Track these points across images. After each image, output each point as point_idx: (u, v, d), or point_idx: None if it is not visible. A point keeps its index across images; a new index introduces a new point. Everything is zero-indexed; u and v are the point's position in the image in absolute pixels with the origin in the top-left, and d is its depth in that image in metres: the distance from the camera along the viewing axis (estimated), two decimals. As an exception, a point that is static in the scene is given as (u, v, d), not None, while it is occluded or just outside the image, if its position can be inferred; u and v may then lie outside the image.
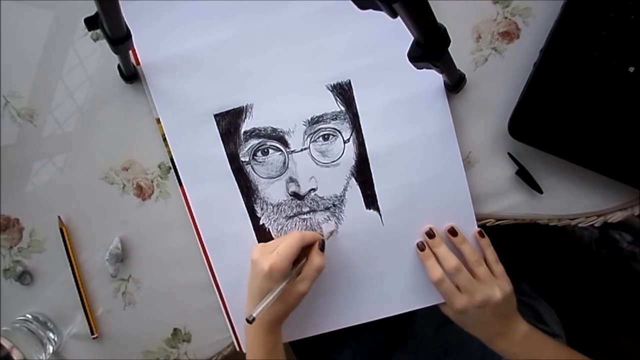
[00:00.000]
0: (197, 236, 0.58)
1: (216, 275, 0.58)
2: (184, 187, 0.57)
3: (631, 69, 0.48)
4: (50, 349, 0.59)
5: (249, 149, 0.56)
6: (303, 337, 0.60)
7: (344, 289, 0.58)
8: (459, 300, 0.54)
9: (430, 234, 0.55)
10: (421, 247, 0.56)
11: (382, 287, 0.58)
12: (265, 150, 0.56)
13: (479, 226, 0.56)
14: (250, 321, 0.46)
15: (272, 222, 0.57)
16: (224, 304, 0.59)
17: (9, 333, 0.57)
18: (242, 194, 0.57)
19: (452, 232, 0.55)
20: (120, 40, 0.45)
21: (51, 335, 0.59)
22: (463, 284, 0.53)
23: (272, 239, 0.58)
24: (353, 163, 0.55)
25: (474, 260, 0.54)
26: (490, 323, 0.54)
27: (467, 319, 0.55)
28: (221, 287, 0.59)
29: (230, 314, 0.59)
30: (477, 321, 0.54)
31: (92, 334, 0.60)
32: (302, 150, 0.56)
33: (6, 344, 0.55)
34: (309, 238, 0.53)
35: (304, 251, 0.53)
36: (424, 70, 0.41)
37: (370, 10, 0.30)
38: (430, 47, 0.38)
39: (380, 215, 0.56)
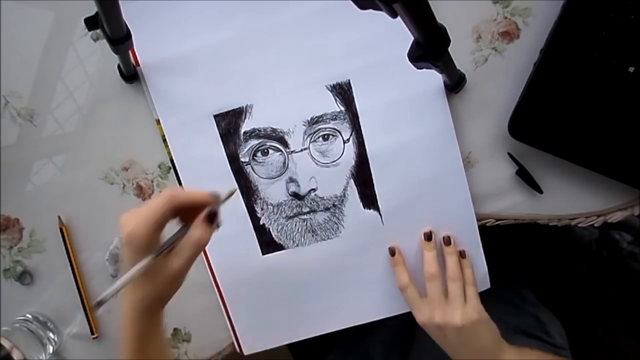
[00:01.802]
0: (197, 236, 0.58)
1: (216, 275, 0.58)
2: (184, 187, 0.57)
3: (631, 69, 0.48)
4: (50, 349, 0.59)
5: (248, 149, 0.56)
6: (303, 339, 0.59)
7: (344, 289, 0.58)
8: (420, 313, 0.53)
9: (428, 237, 0.55)
10: (392, 252, 0.56)
11: (383, 286, 0.58)
12: (265, 150, 0.56)
13: (479, 226, 0.56)
14: (95, 306, 0.36)
15: (272, 222, 0.57)
16: (224, 304, 0.59)
17: (9, 333, 0.57)
18: (242, 194, 0.57)
19: (447, 241, 0.55)
20: (120, 40, 0.45)
21: (51, 335, 0.59)
22: (431, 294, 0.53)
23: (273, 239, 0.57)
24: (353, 163, 0.55)
25: (451, 276, 0.53)
26: (458, 350, 0.52)
27: (432, 336, 0.54)
28: (221, 287, 0.59)
29: (230, 314, 0.59)
30: (442, 343, 0.53)
31: (92, 334, 0.60)
32: (302, 150, 0.56)
33: (6, 344, 0.55)
34: (184, 198, 0.40)
35: (190, 218, 0.41)
36: (424, 70, 0.41)
37: (370, 10, 0.30)
38: (430, 47, 0.38)
39: (381, 215, 0.56)
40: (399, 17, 0.31)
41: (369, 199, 0.56)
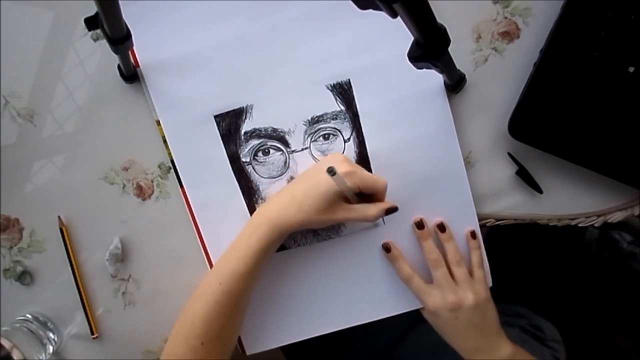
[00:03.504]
0: (197, 236, 0.58)
1: (216, 275, 0.58)
2: (185, 188, 0.57)
3: (631, 69, 0.48)
4: (50, 349, 0.59)
5: (249, 149, 0.56)
6: (302, 339, 0.59)
7: (346, 289, 0.58)
8: (431, 298, 0.53)
9: (420, 225, 0.55)
10: (387, 248, 0.56)
11: (385, 285, 0.57)
12: (266, 150, 0.56)
13: (480, 226, 0.56)
14: (333, 172, 0.42)
15: (272, 222, 0.57)
16: (224, 304, 0.59)
17: (9, 333, 0.57)
18: (243, 194, 0.57)
19: (441, 227, 0.55)
20: (120, 40, 0.45)
21: (51, 335, 0.59)
22: (439, 279, 0.53)
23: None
24: (354, 162, 0.55)
25: (455, 260, 0.54)
26: (465, 333, 0.53)
27: (441, 323, 0.54)
28: (221, 287, 0.59)
29: (230, 314, 0.59)
30: (451, 327, 0.53)
31: (92, 334, 0.60)
32: (302, 150, 0.56)
33: (6, 344, 0.55)
34: (384, 193, 0.51)
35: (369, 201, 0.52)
36: (424, 70, 0.42)
37: (370, 10, 0.30)
38: (430, 47, 0.38)
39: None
40: (399, 17, 0.31)
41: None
